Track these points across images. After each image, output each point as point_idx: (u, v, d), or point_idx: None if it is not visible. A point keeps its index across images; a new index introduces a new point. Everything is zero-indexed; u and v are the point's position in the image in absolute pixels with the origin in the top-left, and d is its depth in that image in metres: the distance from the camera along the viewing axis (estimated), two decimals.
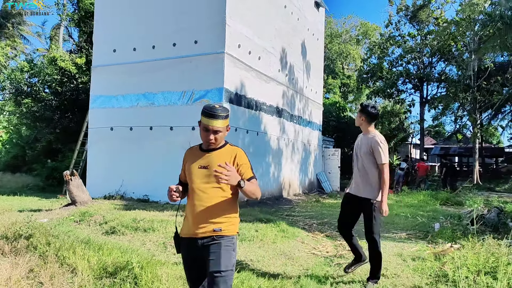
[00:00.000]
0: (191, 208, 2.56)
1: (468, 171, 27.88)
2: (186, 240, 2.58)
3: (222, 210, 2.54)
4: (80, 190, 9.23)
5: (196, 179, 2.56)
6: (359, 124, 4.29)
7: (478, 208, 10.33)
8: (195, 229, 2.52)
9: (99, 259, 4.50)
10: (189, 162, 2.67)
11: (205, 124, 2.55)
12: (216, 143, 2.58)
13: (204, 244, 2.51)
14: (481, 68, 23.64)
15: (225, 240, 2.52)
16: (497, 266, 4.02)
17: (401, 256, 5.34)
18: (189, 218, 2.57)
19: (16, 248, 5.39)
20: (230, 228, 2.56)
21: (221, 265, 2.44)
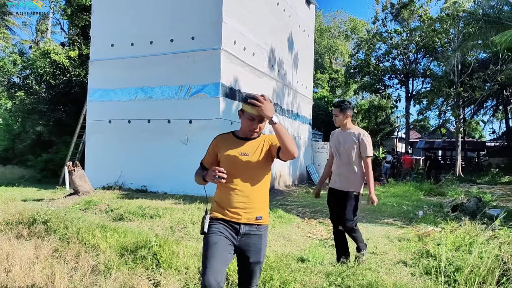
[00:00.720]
0: (231, 194, 2.55)
1: (451, 164, 28.82)
2: (222, 221, 2.56)
3: (261, 198, 2.59)
4: (82, 180, 9.61)
5: (238, 165, 2.54)
6: (344, 121, 4.41)
7: (459, 198, 11.07)
8: (237, 214, 2.52)
9: (118, 240, 4.97)
10: (224, 149, 2.61)
11: (251, 113, 2.52)
12: (259, 132, 2.62)
13: (246, 232, 2.53)
14: (465, 64, 24.43)
15: (264, 231, 2.60)
16: (472, 243, 4.60)
17: (389, 237, 5.91)
18: (228, 204, 2.55)
19: (34, 232, 5.82)
20: (266, 217, 2.63)
21: (261, 256, 2.56)
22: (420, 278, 3.80)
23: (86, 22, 18.82)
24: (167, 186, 11.15)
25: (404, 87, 29.46)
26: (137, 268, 4.01)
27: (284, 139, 2.39)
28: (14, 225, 6.21)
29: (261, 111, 2.39)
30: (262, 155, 2.57)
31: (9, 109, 20.73)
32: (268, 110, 2.39)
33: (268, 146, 2.59)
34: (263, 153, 2.58)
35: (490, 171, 24.51)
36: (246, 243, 2.53)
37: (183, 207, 7.73)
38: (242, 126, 2.61)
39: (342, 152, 4.38)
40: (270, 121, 2.40)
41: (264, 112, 2.39)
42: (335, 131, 4.62)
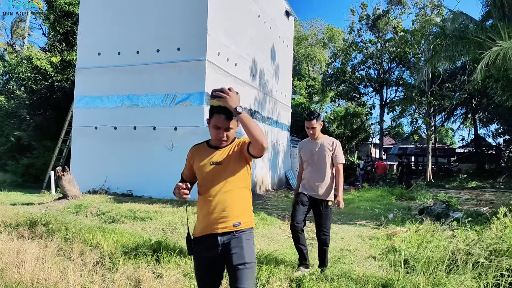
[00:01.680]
0: (206, 206, 2.49)
1: (423, 170, 30.11)
2: (202, 238, 2.50)
3: (238, 204, 2.51)
4: (71, 185, 9.96)
5: (209, 175, 2.49)
6: (316, 132, 4.41)
7: (426, 202, 11.93)
8: (213, 226, 2.46)
9: (117, 240, 5.45)
10: (197, 160, 2.57)
11: (216, 122, 2.48)
12: (228, 141, 2.54)
13: (224, 242, 2.46)
14: (435, 74, 25.70)
15: (245, 233, 2.49)
16: (431, 240, 5.29)
17: (361, 237, 6.59)
18: (205, 216, 2.51)
19: (35, 233, 6.22)
20: (247, 221, 2.54)
21: (245, 257, 2.41)
22: (386, 269, 4.45)
23: (68, 28, 19.02)
24: (152, 190, 11.57)
25: (378, 95, 30.67)
26: (140, 263, 4.52)
27: (250, 129, 2.31)
28: (13, 227, 6.59)
29: (226, 102, 2.31)
30: (234, 159, 2.51)
31: None
32: (232, 101, 2.32)
33: (239, 147, 2.53)
34: (234, 157, 2.51)
35: (459, 176, 25.75)
36: (227, 250, 2.45)
37: (172, 210, 8.23)
38: (211, 135, 2.57)
39: (317, 162, 4.40)
40: (234, 111, 2.32)
41: (228, 103, 2.31)
42: (304, 141, 4.65)
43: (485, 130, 33.96)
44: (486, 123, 32.48)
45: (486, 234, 4.71)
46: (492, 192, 17.60)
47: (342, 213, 9.53)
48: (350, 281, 3.85)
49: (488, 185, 21.98)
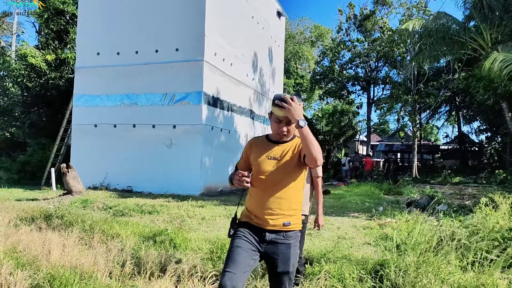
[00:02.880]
0: (259, 199, 2.50)
1: (409, 166, 30.98)
2: (251, 225, 2.52)
3: (290, 202, 2.50)
4: (75, 181, 10.33)
5: (266, 170, 2.48)
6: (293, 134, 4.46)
7: (413, 196, 12.58)
8: (262, 220, 2.46)
9: (134, 230, 5.90)
10: (255, 152, 2.59)
11: (278, 115, 2.45)
12: (289, 135, 2.53)
13: (272, 239, 2.46)
14: (420, 73, 26.49)
15: (293, 240, 2.50)
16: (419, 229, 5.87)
17: (355, 227, 7.15)
18: (255, 208, 2.52)
19: (52, 226, 6.62)
20: (297, 222, 2.53)
21: (290, 266, 2.46)
22: (381, 252, 5.00)
23: (61, 27, 19.20)
24: (151, 186, 11.98)
25: (366, 93, 31.44)
26: (160, 250, 4.98)
27: (308, 145, 2.30)
28: (29, 221, 6.98)
29: (288, 112, 2.30)
30: (292, 159, 2.51)
31: None
32: (295, 113, 2.29)
33: (299, 151, 2.51)
34: (293, 157, 2.51)
35: (443, 172, 26.62)
36: (273, 252, 2.46)
37: (177, 204, 8.69)
38: (271, 129, 2.57)
39: None
40: (296, 124, 2.29)
41: (292, 115, 2.29)
42: None
43: (468, 127, 34.97)
44: (469, 121, 33.45)
45: (468, 221, 5.29)
46: (474, 187, 18.40)
47: (335, 206, 10.10)
48: (350, 262, 4.38)
49: (471, 180, 22.81)
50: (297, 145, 2.53)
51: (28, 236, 5.60)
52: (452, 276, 3.59)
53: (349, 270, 4.13)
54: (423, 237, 5.02)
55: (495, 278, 3.66)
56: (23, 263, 4.20)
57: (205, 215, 7.71)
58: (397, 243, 5.01)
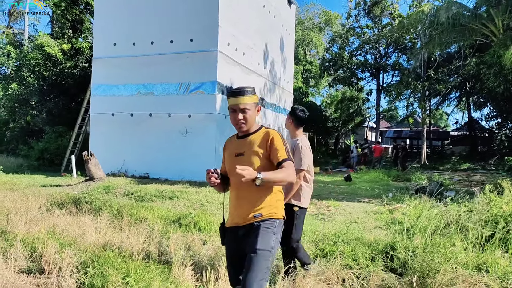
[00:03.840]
0: (233, 199, 2.57)
1: (417, 153, 31.13)
2: (230, 229, 2.59)
3: (262, 197, 2.47)
4: (97, 168, 10.81)
5: (232, 167, 2.38)
6: (288, 127, 4.20)
7: (422, 183, 12.89)
8: (237, 219, 2.52)
9: (159, 214, 6.33)
10: (226, 152, 2.63)
11: (231, 104, 2.45)
12: (247, 124, 2.46)
13: (245, 232, 2.50)
14: (431, 59, 26.44)
15: (265, 222, 2.46)
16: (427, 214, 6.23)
17: (366, 212, 7.53)
18: (232, 209, 2.58)
19: (81, 210, 7.08)
20: (271, 212, 2.50)
21: (257, 244, 2.39)
22: (392, 235, 5.37)
23: (76, 16, 19.56)
24: (167, 173, 12.43)
25: (375, 80, 31.48)
26: (186, 233, 5.41)
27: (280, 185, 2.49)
28: (59, 205, 7.45)
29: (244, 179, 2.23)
30: (258, 152, 2.46)
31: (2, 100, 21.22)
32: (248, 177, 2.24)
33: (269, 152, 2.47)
34: (260, 151, 2.46)
35: (452, 159, 26.76)
36: (245, 241, 2.50)
37: (196, 190, 9.12)
38: (232, 123, 2.56)
39: None
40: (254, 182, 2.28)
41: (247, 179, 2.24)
42: None
43: (478, 113, 34.84)
44: (480, 107, 33.35)
45: (472, 206, 5.64)
46: (483, 174, 18.62)
47: (345, 192, 10.47)
48: (363, 243, 4.77)
49: (480, 167, 22.95)
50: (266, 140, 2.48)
51: (63, 220, 6.05)
52: (456, 255, 3.95)
53: (362, 250, 4.52)
54: (430, 221, 5.39)
55: (496, 256, 4.02)
56: (65, 244, 4.64)
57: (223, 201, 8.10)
58: (406, 227, 5.39)
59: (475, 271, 3.77)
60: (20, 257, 4.39)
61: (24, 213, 6.47)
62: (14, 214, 6.16)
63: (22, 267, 4.29)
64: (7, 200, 7.55)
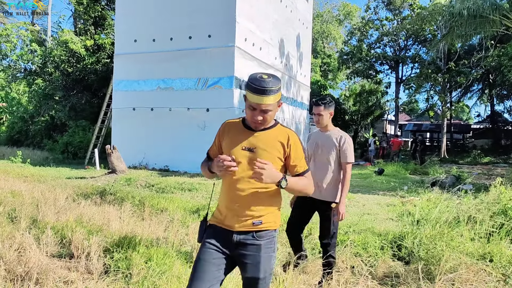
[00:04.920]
0: (228, 196, 2.20)
1: (437, 146, 30.81)
2: (218, 229, 2.22)
3: (264, 200, 2.18)
4: (119, 161, 11.22)
5: (238, 162, 2.14)
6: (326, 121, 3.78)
7: (439, 176, 12.90)
8: (231, 221, 2.18)
9: (178, 204, 6.64)
10: (228, 139, 2.25)
11: (252, 101, 2.08)
12: (265, 123, 2.17)
13: (240, 241, 2.17)
14: (451, 51, 26.07)
15: (266, 240, 2.19)
16: (439, 206, 6.35)
17: (379, 204, 7.68)
18: (224, 207, 2.23)
19: (106, 201, 7.45)
20: (271, 221, 2.22)
21: (260, 271, 2.16)
22: (402, 227, 5.54)
23: (98, 13, 20.07)
24: (186, 166, 12.77)
25: (394, 73, 31.21)
26: None
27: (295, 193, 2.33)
28: (84, 196, 7.85)
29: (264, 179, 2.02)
30: (270, 153, 2.17)
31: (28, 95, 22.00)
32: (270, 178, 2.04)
33: (285, 157, 2.22)
34: (275, 154, 2.18)
35: (473, 152, 26.41)
36: (241, 254, 2.18)
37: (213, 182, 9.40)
38: (246, 116, 2.21)
39: (319, 156, 3.79)
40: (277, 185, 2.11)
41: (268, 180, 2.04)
42: (313, 133, 4.05)
43: (501, 106, 34.18)
44: (502, 99, 32.71)
45: (481, 199, 5.75)
46: (504, 167, 18.38)
47: (361, 185, 10.61)
48: (373, 233, 4.96)
49: (501, 160, 22.65)
50: (286, 142, 2.21)
51: (89, 209, 6.42)
52: (462, 245, 4.11)
53: (372, 240, 4.72)
54: (441, 213, 5.54)
55: (502, 247, 4.17)
56: (92, 231, 4.97)
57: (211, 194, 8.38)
58: (417, 219, 5.55)
59: (479, 260, 3.93)
60: (51, 243, 4.74)
61: (52, 203, 6.86)
62: (43, 204, 6.55)
63: (53, 252, 4.64)
64: (36, 191, 7.99)
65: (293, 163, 2.21)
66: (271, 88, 2.03)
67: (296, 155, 2.21)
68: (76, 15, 23.65)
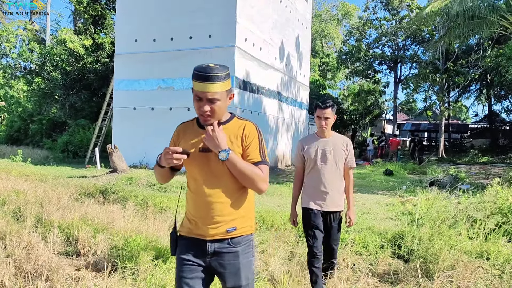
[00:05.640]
0: (194, 203, 2.07)
1: (435, 146, 30.96)
2: (189, 241, 2.07)
3: (234, 204, 2.02)
4: (120, 160, 11.30)
5: (197, 166, 2.03)
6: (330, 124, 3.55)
7: (437, 176, 13.03)
8: (202, 230, 2.02)
9: (181, 203, 6.72)
10: (184, 143, 2.09)
11: (197, 90, 1.95)
12: (214, 116, 1.97)
13: (216, 250, 2.02)
14: (449, 51, 26.20)
15: (243, 246, 2.05)
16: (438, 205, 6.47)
17: (379, 203, 7.79)
18: (192, 215, 2.08)
19: (109, 200, 7.54)
20: (246, 225, 2.07)
21: (241, 279, 2.04)
22: (401, 226, 5.65)
23: (98, 12, 20.12)
24: None
25: (392, 73, 31.36)
26: None
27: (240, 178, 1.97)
28: (87, 195, 7.94)
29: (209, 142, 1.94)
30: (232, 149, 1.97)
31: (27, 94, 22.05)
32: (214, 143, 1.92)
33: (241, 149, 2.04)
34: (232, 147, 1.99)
35: (470, 152, 26.56)
36: (219, 264, 2.04)
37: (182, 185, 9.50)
38: (195, 109, 2.06)
39: (329, 164, 3.53)
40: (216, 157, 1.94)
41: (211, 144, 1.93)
42: (307, 138, 3.76)
43: (499, 106, 34.35)
44: (500, 99, 32.87)
45: (482, 199, 5.87)
46: (501, 167, 18.53)
47: (360, 185, 10.72)
48: (373, 232, 5.07)
49: (499, 160, 22.79)
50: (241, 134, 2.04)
51: (92, 208, 6.51)
52: (459, 244, 4.22)
53: (372, 238, 4.83)
54: (439, 212, 5.66)
55: (498, 245, 4.28)
56: (98, 229, 5.07)
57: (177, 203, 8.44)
58: (416, 218, 5.66)
59: (477, 258, 4.04)
60: (57, 241, 4.84)
61: (56, 202, 6.95)
62: (47, 203, 6.64)
63: (60, 250, 4.73)
64: (39, 190, 8.07)
65: (245, 153, 2.02)
66: (216, 74, 1.89)
67: (248, 144, 2.03)
68: (76, 14, 23.74)
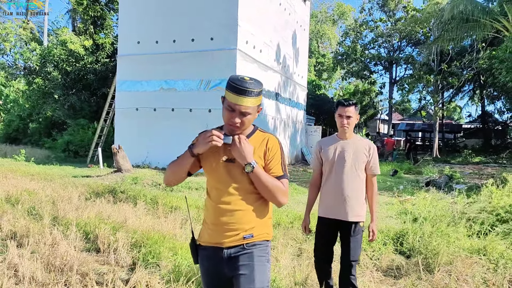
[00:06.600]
0: (214, 211, 2.09)
1: (430, 146, 31.41)
2: (209, 250, 2.12)
3: (253, 212, 2.07)
4: (124, 160, 11.53)
5: (220, 176, 2.08)
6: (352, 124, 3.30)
7: (432, 176, 13.39)
8: (220, 237, 2.06)
9: (189, 202, 6.99)
10: (207, 152, 2.07)
11: (231, 101, 1.99)
12: (242, 128, 2.04)
13: (231, 255, 2.06)
14: (444, 53, 26.64)
15: (258, 249, 2.08)
16: (435, 205, 6.80)
17: (378, 203, 8.10)
18: (211, 223, 2.12)
19: (118, 199, 7.79)
20: (262, 232, 2.11)
21: (255, 281, 2.02)
22: (401, 224, 5.97)
23: (98, 13, 20.28)
24: None
25: (388, 73, 31.79)
26: None
27: (262, 191, 2.04)
28: (96, 195, 8.17)
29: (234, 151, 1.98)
30: None
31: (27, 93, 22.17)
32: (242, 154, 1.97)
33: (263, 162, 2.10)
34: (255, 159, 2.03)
35: (464, 152, 27.00)
36: (234, 268, 2.06)
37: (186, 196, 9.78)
38: (223, 118, 2.09)
39: (349, 169, 3.29)
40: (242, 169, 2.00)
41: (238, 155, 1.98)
42: (326, 140, 3.52)
43: (492, 106, 34.87)
44: (493, 100, 33.38)
45: (478, 198, 6.20)
46: (494, 167, 18.95)
47: None
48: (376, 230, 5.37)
49: (492, 160, 23.22)
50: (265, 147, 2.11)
51: (105, 207, 6.76)
52: (458, 241, 4.54)
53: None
54: (437, 211, 5.98)
55: (495, 243, 4.60)
56: (117, 227, 5.32)
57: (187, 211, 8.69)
58: (416, 217, 5.99)
59: (473, 254, 4.36)
60: (77, 238, 5.09)
61: (67, 201, 7.19)
62: (59, 202, 6.88)
63: (80, 247, 4.98)
64: (48, 189, 8.30)
65: (267, 167, 2.09)
66: (252, 89, 1.96)
67: (271, 158, 2.10)
68: (74, 14, 23.86)
